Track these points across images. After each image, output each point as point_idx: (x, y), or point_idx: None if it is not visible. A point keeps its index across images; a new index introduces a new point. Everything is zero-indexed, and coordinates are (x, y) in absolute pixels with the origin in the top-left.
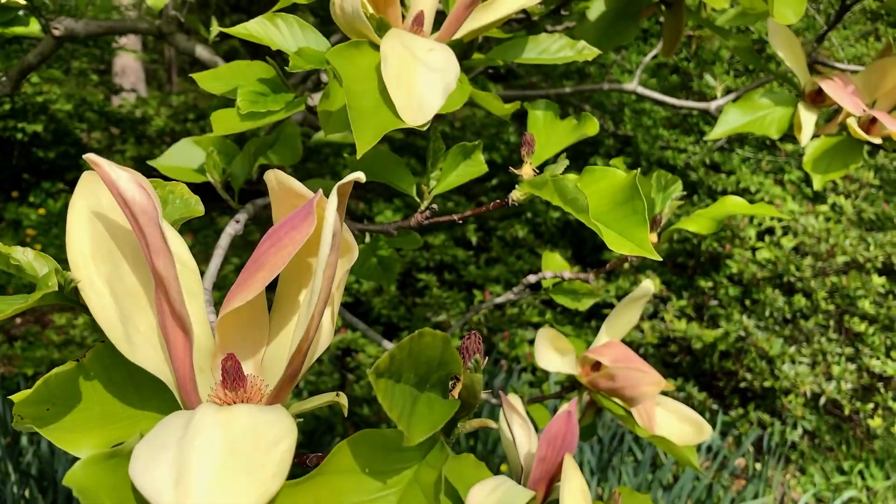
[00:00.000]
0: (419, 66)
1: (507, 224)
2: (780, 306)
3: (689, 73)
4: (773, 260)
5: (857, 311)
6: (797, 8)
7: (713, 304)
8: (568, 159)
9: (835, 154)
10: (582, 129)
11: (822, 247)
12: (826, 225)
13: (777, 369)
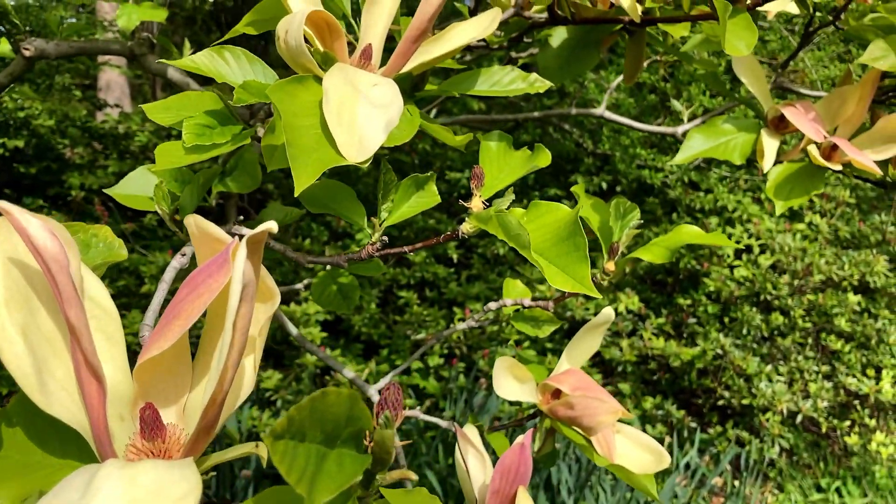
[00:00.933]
0: (361, 101)
1: (487, 241)
2: (757, 324)
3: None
4: (750, 278)
5: (833, 328)
6: (749, 40)
7: (692, 322)
8: (549, 176)
9: (797, 180)
10: (534, 160)
11: (798, 265)
12: (802, 243)
13: (754, 388)
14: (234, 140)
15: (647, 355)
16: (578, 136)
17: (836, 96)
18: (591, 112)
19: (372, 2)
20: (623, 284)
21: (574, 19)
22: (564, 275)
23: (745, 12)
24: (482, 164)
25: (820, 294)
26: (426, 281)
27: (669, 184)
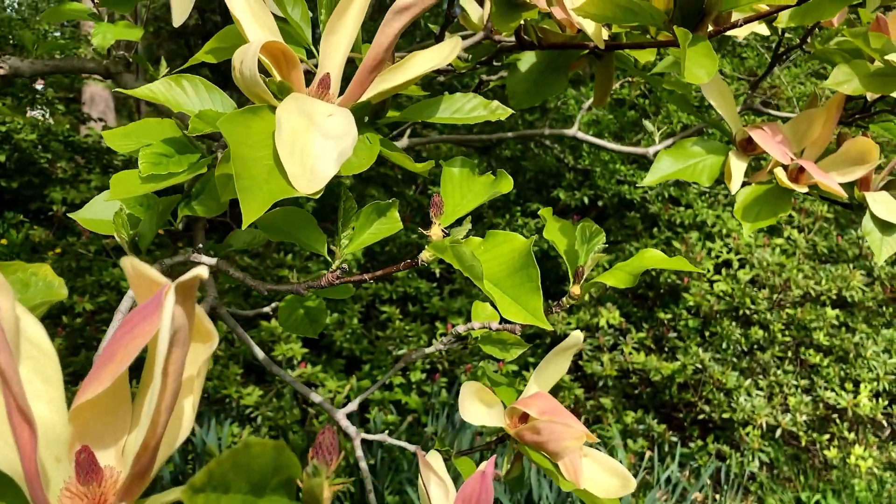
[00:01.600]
0: (315, 132)
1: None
2: (737, 338)
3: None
4: (729, 293)
5: (812, 342)
6: (709, 68)
7: (672, 337)
8: (531, 191)
9: (764, 202)
10: (497, 186)
11: (777, 280)
12: (780, 258)
13: (734, 402)
14: (191, 169)
15: (628, 370)
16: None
17: (802, 119)
18: (563, 133)
19: (330, 31)
20: (604, 299)
21: (541, 44)
22: (518, 306)
23: (705, 40)
24: (444, 189)
25: (799, 308)
26: (409, 296)
27: (649, 199)
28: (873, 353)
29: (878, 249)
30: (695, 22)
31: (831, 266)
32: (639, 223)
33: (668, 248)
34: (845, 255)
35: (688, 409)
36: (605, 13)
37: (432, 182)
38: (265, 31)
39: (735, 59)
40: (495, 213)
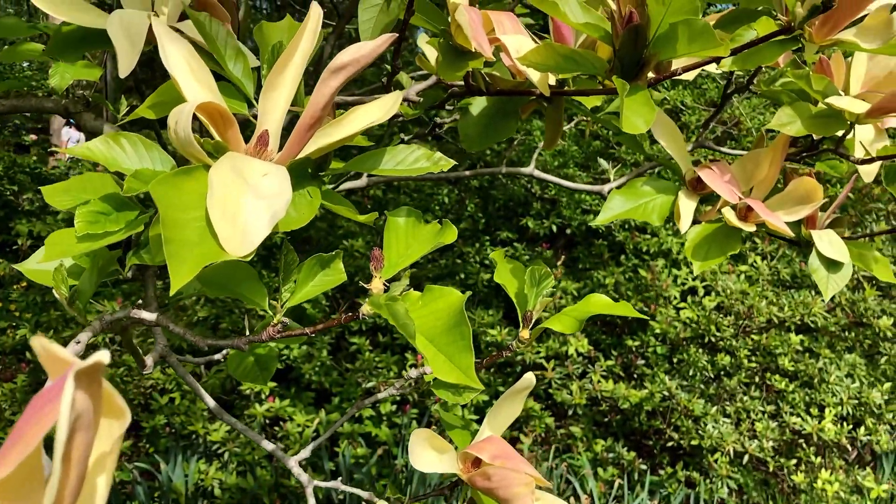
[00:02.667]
0: (247, 193)
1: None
2: (703, 365)
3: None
4: (695, 320)
5: (778, 368)
6: (647, 117)
7: (640, 364)
8: (501, 220)
9: (713, 241)
10: (442, 236)
11: (741, 306)
12: (744, 286)
13: (701, 429)
14: (128, 227)
15: (597, 398)
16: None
17: (750, 158)
18: (519, 171)
19: (269, 87)
20: None
21: (489, 91)
22: (451, 364)
23: (644, 89)
24: (388, 239)
25: (764, 334)
26: (378, 326)
27: (615, 228)
28: (836, 378)
29: (825, 287)
30: (634, 71)
31: (795, 292)
32: (606, 251)
33: (635, 275)
34: (808, 281)
35: (657, 437)
36: (548, 62)
37: None
38: (204, 89)
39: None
40: (465, 242)
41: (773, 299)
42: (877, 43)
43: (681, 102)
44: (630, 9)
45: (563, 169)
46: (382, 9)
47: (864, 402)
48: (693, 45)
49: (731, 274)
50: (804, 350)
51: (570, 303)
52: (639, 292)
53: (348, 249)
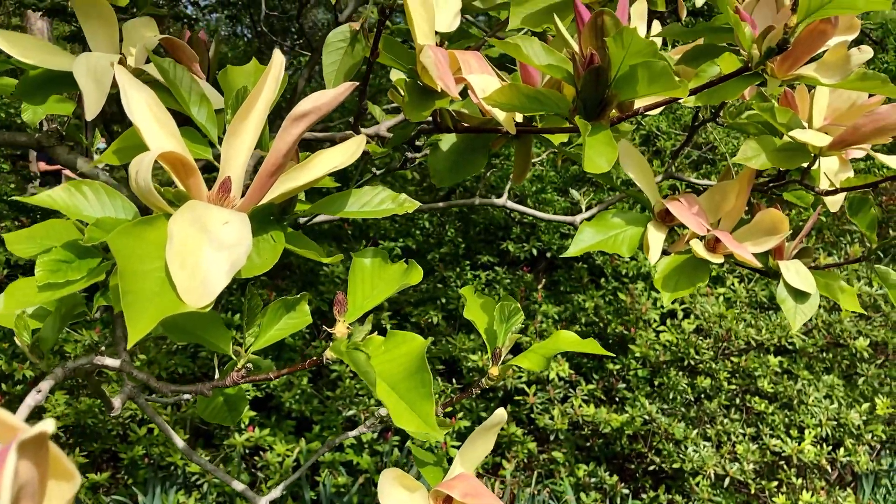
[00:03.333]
0: (207, 243)
1: (421, 311)
2: (683, 388)
3: None
4: (675, 342)
5: (757, 390)
6: (609, 156)
7: (621, 387)
8: (482, 244)
9: (682, 272)
10: (407, 277)
11: (719, 329)
12: (721, 309)
13: (683, 453)
14: (90, 275)
15: (578, 422)
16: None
17: (717, 190)
18: (493, 202)
19: (232, 133)
20: None
21: (456, 128)
22: (412, 412)
23: (607, 129)
24: (353, 281)
25: (743, 356)
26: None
27: (593, 252)
28: (815, 399)
29: (793, 318)
30: (597, 110)
31: (773, 313)
32: (586, 274)
33: (615, 298)
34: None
35: (639, 460)
36: (513, 102)
37: (383, 237)
38: (166, 136)
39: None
40: (446, 267)
41: (752, 321)
42: (836, 78)
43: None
44: (591, 51)
45: (540, 194)
46: (347, 52)
47: (842, 423)
48: (653, 87)
49: (710, 296)
50: (783, 371)
51: (550, 327)
52: (619, 315)
53: (329, 275)
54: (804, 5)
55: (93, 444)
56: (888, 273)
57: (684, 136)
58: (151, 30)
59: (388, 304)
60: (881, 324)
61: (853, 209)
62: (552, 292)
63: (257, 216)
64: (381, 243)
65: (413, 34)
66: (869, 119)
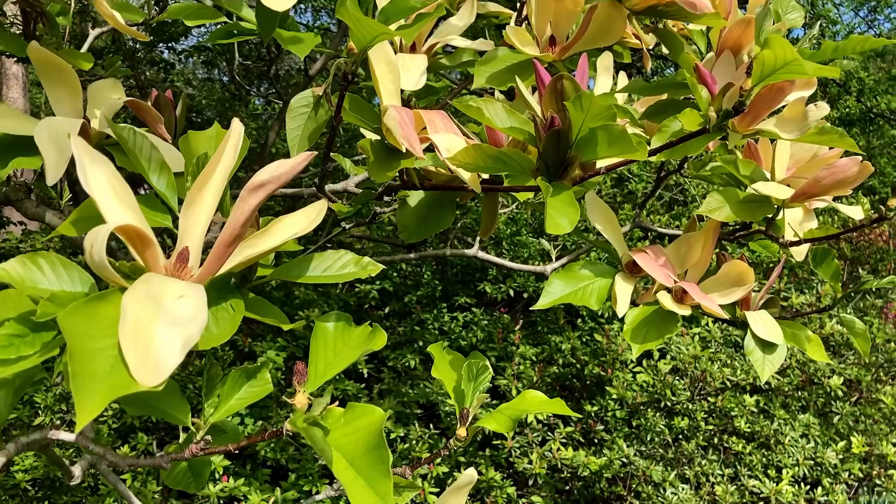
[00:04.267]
0: (160, 320)
1: (398, 354)
2: (660, 430)
3: None
4: (651, 383)
5: (735, 430)
6: (571, 217)
7: (599, 429)
8: (459, 285)
9: (651, 324)
10: (371, 342)
11: (695, 370)
12: (696, 350)
13: (661, 496)
14: (44, 350)
15: (557, 465)
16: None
17: (683, 242)
18: (464, 253)
19: (191, 202)
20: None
21: (423, 185)
22: (370, 490)
23: (569, 189)
24: (315, 347)
25: (719, 396)
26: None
27: None
28: (791, 439)
29: (761, 368)
30: (559, 171)
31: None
32: (562, 315)
33: (592, 339)
34: None
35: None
36: (477, 162)
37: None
38: (124, 208)
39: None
40: (423, 309)
41: (727, 361)
42: (795, 133)
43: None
44: (551, 114)
45: (515, 237)
46: (310, 116)
47: (819, 462)
48: (612, 149)
49: (685, 336)
50: (759, 411)
51: (528, 369)
52: (595, 356)
53: (305, 318)
54: (758, 70)
55: (62, 496)
56: (853, 322)
57: (656, 177)
58: (117, 91)
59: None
60: (854, 362)
61: (816, 260)
62: (530, 332)
63: (216, 285)
64: (358, 286)
65: (378, 94)
66: (829, 172)
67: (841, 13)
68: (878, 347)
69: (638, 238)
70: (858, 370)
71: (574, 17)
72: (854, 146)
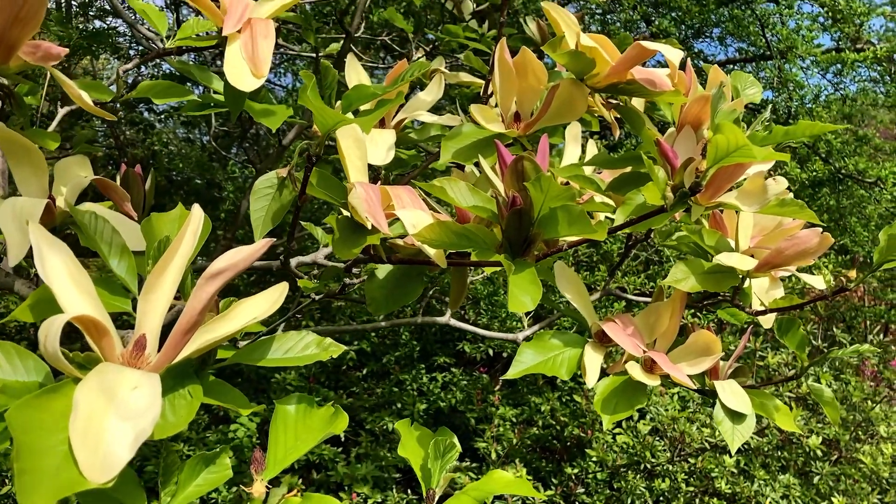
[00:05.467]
0: (112, 412)
1: (376, 417)
2: (641, 492)
3: None
4: (631, 444)
5: (715, 490)
6: (534, 295)
7: (580, 492)
8: (438, 345)
9: (622, 394)
10: (332, 425)
11: (674, 432)
12: (674, 411)
13: None
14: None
15: None
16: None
17: (651, 311)
18: (435, 321)
19: (149, 288)
20: (513, 454)
21: (389, 259)
22: None
23: (531, 267)
24: (275, 432)
25: (699, 457)
26: (312, 463)
27: None
28: (772, 500)
29: (731, 439)
30: (522, 248)
31: None
32: (541, 376)
33: (571, 399)
34: None
35: None
36: (442, 239)
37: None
38: (82, 296)
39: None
40: (401, 370)
41: (706, 421)
42: (756, 206)
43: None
44: (513, 193)
45: (493, 296)
46: (274, 197)
47: None
48: (573, 229)
49: (664, 396)
50: (739, 471)
51: (507, 431)
52: (575, 417)
53: (280, 382)
54: (712, 153)
55: None
56: (821, 390)
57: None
58: (84, 169)
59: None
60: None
61: (782, 330)
62: (510, 392)
63: (173, 372)
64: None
65: (345, 171)
66: (791, 243)
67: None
68: (855, 406)
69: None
70: (837, 429)
71: (538, 94)
72: (815, 218)
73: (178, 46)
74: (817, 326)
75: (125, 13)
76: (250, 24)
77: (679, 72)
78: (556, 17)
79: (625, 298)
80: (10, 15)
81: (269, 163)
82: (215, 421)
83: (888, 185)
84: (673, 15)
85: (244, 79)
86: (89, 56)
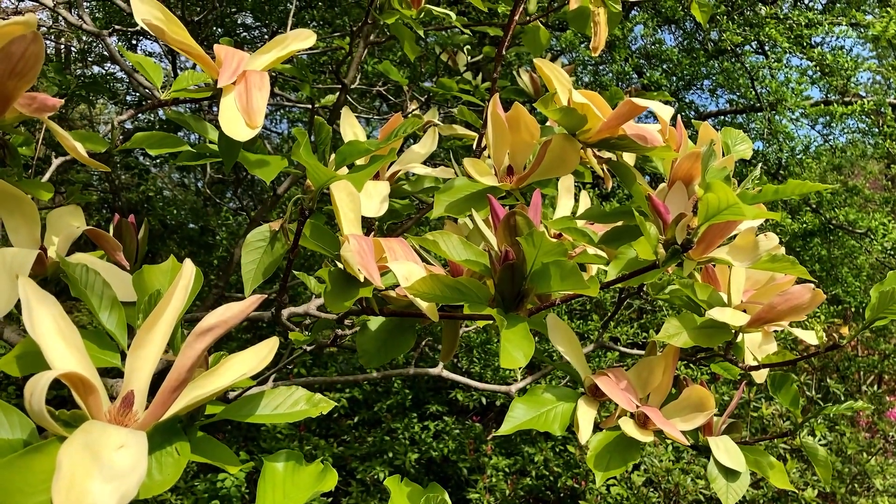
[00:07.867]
0: (96, 473)
1: (367, 466)
2: None
3: None
4: (625, 496)
5: None
6: (526, 350)
7: None
8: (430, 392)
9: (615, 450)
10: (322, 482)
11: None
12: (668, 463)
13: None
14: None
15: None
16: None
17: (644, 366)
18: (427, 371)
19: (138, 344)
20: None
21: (382, 311)
22: None
23: (524, 322)
24: (262, 491)
25: None
26: None
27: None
28: None
29: (725, 496)
30: (515, 302)
31: None
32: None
33: (565, 449)
34: None
35: None
36: (434, 292)
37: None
38: (70, 351)
39: None
40: (393, 419)
41: (700, 473)
42: (747, 261)
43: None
44: (505, 248)
45: (486, 345)
46: (266, 250)
47: None
48: (565, 284)
49: (659, 446)
50: None
51: (500, 482)
52: (569, 468)
53: (270, 430)
54: (703, 211)
55: None
56: (816, 449)
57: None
58: (77, 219)
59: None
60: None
61: (775, 386)
62: (503, 441)
63: (160, 429)
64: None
65: (339, 223)
66: (783, 299)
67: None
68: (850, 458)
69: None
70: (833, 482)
71: (530, 148)
72: (806, 274)
73: (174, 98)
74: (811, 377)
75: (123, 61)
76: (245, 76)
77: (670, 127)
78: (548, 74)
79: (618, 350)
80: (7, 68)
81: (263, 211)
82: (203, 469)
83: (878, 236)
84: (664, 67)
85: (239, 129)
86: (86, 103)
